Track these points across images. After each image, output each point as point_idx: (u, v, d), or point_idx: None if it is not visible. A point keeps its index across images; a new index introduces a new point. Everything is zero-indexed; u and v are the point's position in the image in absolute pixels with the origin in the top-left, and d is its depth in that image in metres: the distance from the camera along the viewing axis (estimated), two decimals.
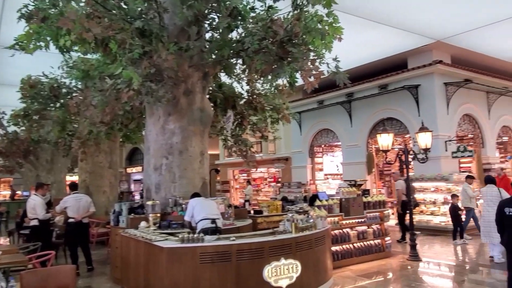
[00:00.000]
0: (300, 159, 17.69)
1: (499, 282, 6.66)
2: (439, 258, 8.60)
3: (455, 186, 11.67)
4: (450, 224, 11.27)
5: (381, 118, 14.29)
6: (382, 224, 8.79)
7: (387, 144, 8.72)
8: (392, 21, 10.50)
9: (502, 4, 9.57)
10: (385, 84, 13.89)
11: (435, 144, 11.70)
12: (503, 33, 11.43)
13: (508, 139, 15.68)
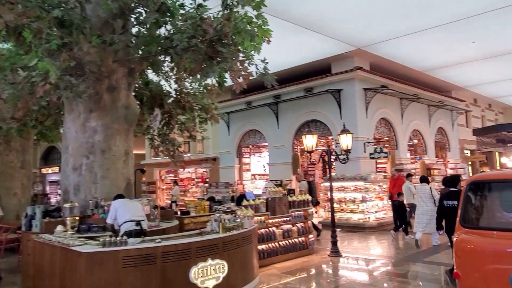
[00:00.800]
0: (228, 160, 17.75)
1: (410, 273, 7.25)
2: (357, 253, 9.14)
3: (372, 186, 12.50)
4: (368, 221, 12.06)
5: (306, 120, 14.84)
6: (306, 222, 9.12)
7: (311, 145, 9.07)
8: (318, 28, 10.97)
9: (415, 17, 10.45)
10: (310, 88, 14.45)
11: (355, 145, 12.42)
12: (416, 45, 12.51)
13: (418, 142, 17.15)
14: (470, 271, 3.83)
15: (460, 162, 18.80)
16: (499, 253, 3.71)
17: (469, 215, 4.35)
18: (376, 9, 9.86)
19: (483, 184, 4.47)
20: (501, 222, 4.57)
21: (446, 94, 18.22)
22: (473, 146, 19.96)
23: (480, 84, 18.27)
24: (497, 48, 13.05)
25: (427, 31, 11.35)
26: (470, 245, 3.90)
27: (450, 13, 10.23)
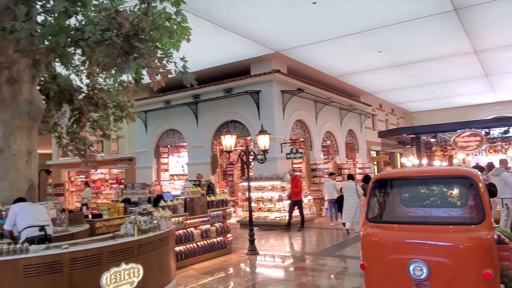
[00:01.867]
0: (145, 160, 17.15)
1: (322, 266, 7.64)
2: (274, 251, 9.40)
3: (288, 185, 12.95)
4: (284, 219, 12.46)
5: (226, 121, 14.91)
6: (224, 222, 9.15)
7: (230, 145, 9.13)
8: (238, 30, 11.09)
9: (329, 26, 11.06)
10: (230, 88, 14.55)
11: (273, 146, 12.78)
12: (329, 51, 13.25)
13: (331, 143, 18.17)
14: (374, 262, 4.14)
15: (367, 162, 20.32)
16: (399, 244, 4.06)
17: (374, 210, 4.71)
18: (294, 15, 10.26)
19: (385, 182, 4.87)
20: (401, 216, 5.03)
21: (356, 98, 19.57)
22: (378, 147, 21.69)
23: (385, 91, 19.95)
24: (399, 58, 14.33)
25: (340, 39, 12.09)
26: (374, 238, 4.21)
27: (360, 24, 11.00)
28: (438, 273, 3.71)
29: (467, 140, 12.23)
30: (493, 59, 14.77)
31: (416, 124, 24.18)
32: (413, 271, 3.82)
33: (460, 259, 3.66)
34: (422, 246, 3.90)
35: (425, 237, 3.97)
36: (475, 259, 3.63)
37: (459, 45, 12.95)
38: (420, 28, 11.36)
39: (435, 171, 5.15)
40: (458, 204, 4.79)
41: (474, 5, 9.97)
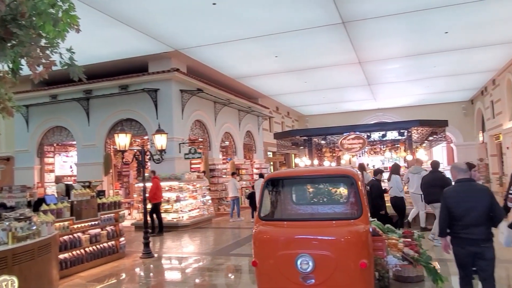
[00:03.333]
0: (26, 159, 15.46)
1: (218, 266, 7.70)
2: (170, 253, 9.21)
3: (186, 185, 12.81)
4: (181, 220, 12.29)
5: (121, 119, 14.19)
6: (117, 225, 8.69)
7: (124, 144, 8.70)
8: (136, 24, 10.61)
9: (230, 28, 11.19)
10: (126, 85, 13.88)
11: (171, 146, 12.52)
12: (229, 53, 13.42)
13: (229, 144, 18.44)
14: (265, 258, 4.29)
15: (264, 162, 21.07)
16: (288, 240, 4.27)
17: (266, 208, 4.89)
18: (194, 15, 10.16)
19: (277, 181, 5.10)
20: (291, 214, 5.30)
21: (254, 101, 20.17)
22: (274, 148, 22.60)
23: (281, 94, 20.90)
24: (294, 64, 15.13)
25: (239, 42, 12.33)
26: (266, 235, 4.37)
27: (258, 28, 11.34)
28: (322, 266, 3.98)
29: (352, 143, 13.41)
30: (374, 70, 16.43)
31: (309, 126, 25.83)
32: (300, 265, 4.04)
33: (341, 251, 3.99)
34: (308, 241, 4.16)
35: (311, 232, 4.24)
36: (353, 251, 3.99)
37: (346, 55, 14.14)
38: (312, 37, 12.13)
39: (321, 171, 5.54)
40: (341, 201, 5.22)
41: (359, 20, 10.96)
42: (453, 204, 4.16)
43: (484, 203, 4.05)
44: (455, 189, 4.30)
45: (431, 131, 14.58)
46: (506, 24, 11.52)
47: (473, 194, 4.13)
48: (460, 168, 4.31)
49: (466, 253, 4.10)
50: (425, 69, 16.40)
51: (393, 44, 13.16)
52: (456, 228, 4.15)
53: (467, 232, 4.06)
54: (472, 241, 4.04)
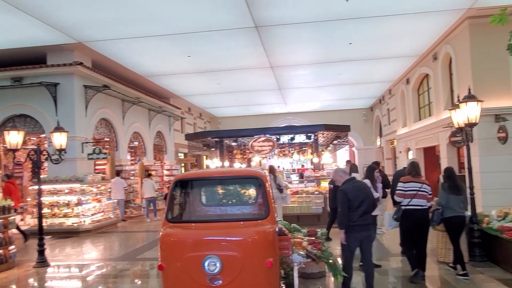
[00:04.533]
0: None
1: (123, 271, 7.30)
2: (70, 260, 8.53)
3: (89, 187, 12.00)
4: (83, 224, 11.48)
5: (13, 114, 12.78)
6: (5, 232, 7.79)
7: (16, 143, 7.85)
8: (31, 10, 9.63)
9: (140, 23, 10.69)
10: (19, 77, 12.55)
11: (72, 145, 11.63)
12: (140, 49, 12.85)
13: (138, 144, 17.70)
14: (172, 261, 4.16)
15: (175, 164, 20.60)
16: (196, 242, 4.19)
17: (174, 211, 4.76)
18: (102, 6, 9.53)
19: (186, 182, 4.99)
20: (200, 215, 5.24)
21: (165, 100, 19.63)
22: (186, 150, 22.27)
23: (193, 95, 20.64)
24: (207, 65, 15.04)
25: (151, 39, 11.87)
26: (173, 237, 4.25)
27: (172, 26, 11.03)
28: (229, 266, 3.98)
29: (262, 145, 13.74)
30: (285, 75, 17.03)
31: (222, 128, 25.93)
32: (208, 267, 3.99)
33: (248, 251, 4.02)
34: (216, 243, 4.13)
35: (219, 234, 4.21)
36: (260, 250, 4.05)
37: (259, 59, 14.45)
38: (226, 39, 12.18)
39: (230, 172, 5.56)
40: (249, 202, 5.29)
41: (271, 26, 11.27)
42: (353, 197, 5.11)
43: (370, 195, 5.28)
44: (350, 186, 5.26)
45: (335, 135, 15.57)
46: (401, 40, 12.73)
47: (362, 189, 5.29)
48: (344, 172, 5.63)
49: (360, 237, 5.13)
50: (331, 77, 17.45)
51: (302, 51, 13.77)
52: (354, 217, 5.07)
53: (363, 219, 5.08)
54: (366, 226, 5.13)
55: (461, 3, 9.82)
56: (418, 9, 10.25)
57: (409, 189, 6.09)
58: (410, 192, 6.07)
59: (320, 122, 16.18)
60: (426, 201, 6.08)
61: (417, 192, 6.05)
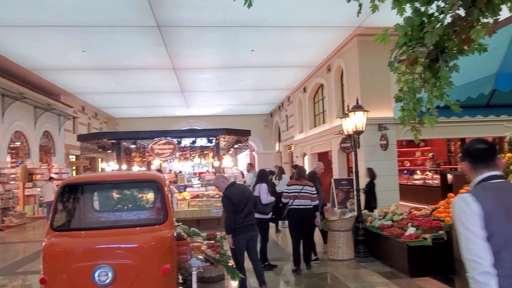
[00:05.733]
0: None
1: None
2: None
3: None
4: None
5: None
6: None
7: None
8: None
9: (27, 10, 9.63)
10: None
11: None
12: (25, 40, 11.57)
13: (21, 145, 15.92)
14: (57, 273, 3.79)
15: (65, 167, 18.94)
16: (85, 251, 3.88)
17: (61, 218, 4.35)
18: None
19: (75, 187, 4.60)
20: (91, 222, 4.87)
21: (55, 98, 17.95)
22: (78, 152, 20.68)
23: (88, 93, 19.25)
24: (104, 62, 14.15)
25: (39, 29, 10.76)
26: (58, 247, 3.87)
27: (64, 17, 10.12)
28: (122, 275, 3.76)
29: (163, 148, 13.35)
30: (188, 77, 16.82)
31: (120, 130, 24.60)
32: (98, 277, 3.72)
33: (143, 258, 3.84)
34: (108, 251, 3.87)
35: (112, 241, 3.96)
36: (156, 257, 3.90)
37: (161, 60, 14.04)
38: (126, 36, 11.60)
39: (126, 176, 5.28)
40: (146, 207, 5.08)
41: (174, 26, 11.04)
42: (237, 201, 5.31)
43: (251, 196, 5.60)
44: (233, 190, 5.45)
45: (236, 139, 15.81)
46: (300, 51, 13.46)
47: (244, 192, 5.53)
48: (225, 177, 5.75)
49: (246, 237, 5.35)
50: (233, 82, 17.72)
51: (206, 54, 13.74)
52: (239, 219, 5.30)
53: (247, 220, 5.34)
54: (251, 226, 5.40)
55: (351, 21, 10.73)
56: (314, 23, 10.96)
57: (292, 191, 6.90)
58: (292, 193, 6.86)
59: (222, 126, 16.30)
60: (310, 201, 6.83)
61: (298, 193, 6.80)
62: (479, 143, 2.32)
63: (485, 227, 2.06)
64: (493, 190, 2.18)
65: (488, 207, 2.09)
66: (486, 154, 2.27)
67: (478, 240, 2.05)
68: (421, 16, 4.05)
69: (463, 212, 2.13)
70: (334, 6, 9.41)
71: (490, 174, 2.22)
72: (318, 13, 10.28)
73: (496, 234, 2.06)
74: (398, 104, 4.51)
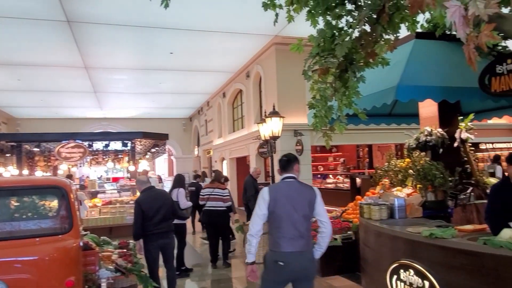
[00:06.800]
0: None
1: None
2: None
3: None
4: None
5: None
6: None
7: None
8: None
9: None
10: None
11: None
12: None
13: None
14: None
15: None
16: None
17: None
18: None
19: None
20: None
21: None
22: None
23: None
24: (4, 57, 12.79)
25: None
26: None
27: None
28: None
29: (71, 151, 12.45)
30: (101, 77, 15.90)
31: (22, 131, 22.42)
32: None
33: (43, 272, 3.51)
34: (1, 265, 3.47)
35: (6, 254, 3.56)
36: (58, 269, 3.58)
37: (71, 57, 13.09)
38: (31, 30, 10.61)
39: (25, 181, 4.79)
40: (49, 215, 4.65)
41: (87, 23, 10.38)
42: (147, 207, 5.18)
43: (167, 203, 5.35)
44: (145, 196, 5.35)
45: (153, 143, 15.33)
46: (219, 56, 13.47)
47: (158, 197, 5.36)
48: (143, 181, 5.53)
49: (158, 245, 5.22)
50: (151, 84, 17.16)
51: (121, 54, 13.13)
52: (149, 227, 5.16)
53: (159, 228, 5.18)
54: (164, 234, 5.24)
55: (269, 30, 11.03)
56: (234, 29, 11.07)
57: (206, 193, 7.44)
58: (206, 195, 7.41)
59: (139, 130, 15.70)
60: (222, 202, 7.28)
61: (209, 196, 7.30)
62: (284, 157, 3.66)
63: (271, 208, 3.38)
64: (285, 185, 3.52)
65: (274, 195, 3.41)
66: (287, 162, 3.60)
67: (256, 216, 3.39)
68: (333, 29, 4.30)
69: (259, 198, 3.45)
70: (253, 14, 9.58)
71: (287, 175, 3.56)
72: (238, 20, 10.40)
73: (278, 211, 3.37)
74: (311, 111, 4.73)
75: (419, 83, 5.25)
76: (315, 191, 3.61)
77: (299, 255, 3.34)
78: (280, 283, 3.42)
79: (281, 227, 3.35)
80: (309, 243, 3.50)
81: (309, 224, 3.59)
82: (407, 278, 3.99)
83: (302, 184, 3.60)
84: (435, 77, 5.46)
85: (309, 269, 3.49)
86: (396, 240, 4.26)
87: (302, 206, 3.44)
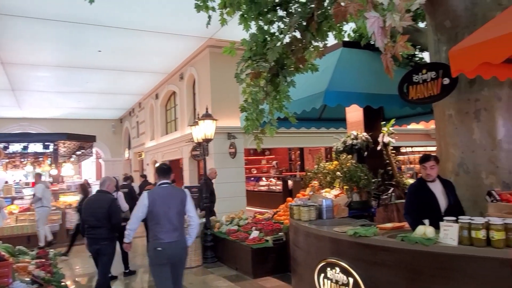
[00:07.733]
0: None
1: None
2: None
3: None
4: None
5: None
6: None
7: None
8: None
9: None
10: None
11: None
12: None
13: None
14: None
15: None
16: None
17: None
18: None
19: None
20: None
21: None
22: None
23: None
24: None
25: None
26: None
27: None
28: None
29: None
30: (20, 75, 14.69)
31: None
32: None
33: None
34: None
35: None
36: None
37: None
38: None
39: None
40: None
41: (4, 15, 9.53)
42: (84, 213, 5.50)
43: (100, 211, 5.34)
44: (85, 202, 5.70)
45: (79, 145, 14.49)
46: (152, 56, 13.06)
47: (91, 204, 5.53)
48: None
49: (91, 250, 5.46)
50: (77, 83, 16.19)
51: (44, 50, 12.22)
52: (84, 231, 5.51)
53: (90, 234, 5.38)
54: (93, 240, 5.36)
55: (203, 32, 10.91)
56: (168, 30, 10.82)
57: None
58: None
59: (64, 131, 14.73)
60: None
61: None
62: (162, 165, 4.64)
63: (150, 208, 4.23)
64: (161, 189, 4.40)
65: (152, 197, 4.27)
66: (164, 171, 4.53)
67: (135, 217, 4.31)
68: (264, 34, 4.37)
69: (139, 202, 4.33)
70: (187, 15, 9.40)
71: (163, 181, 4.47)
72: (172, 20, 10.19)
73: (156, 211, 4.23)
74: (244, 114, 4.77)
75: (345, 89, 5.52)
76: (186, 192, 4.53)
77: (174, 243, 4.25)
78: (162, 265, 4.23)
79: (159, 223, 4.23)
80: (182, 234, 4.40)
81: (182, 219, 4.45)
82: (333, 276, 4.15)
83: (174, 188, 4.62)
84: (360, 84, 5.77)
85: (183, 255, 4.42)
86: (323, 240, 4.42)
87: (176, 205, 4.34)
